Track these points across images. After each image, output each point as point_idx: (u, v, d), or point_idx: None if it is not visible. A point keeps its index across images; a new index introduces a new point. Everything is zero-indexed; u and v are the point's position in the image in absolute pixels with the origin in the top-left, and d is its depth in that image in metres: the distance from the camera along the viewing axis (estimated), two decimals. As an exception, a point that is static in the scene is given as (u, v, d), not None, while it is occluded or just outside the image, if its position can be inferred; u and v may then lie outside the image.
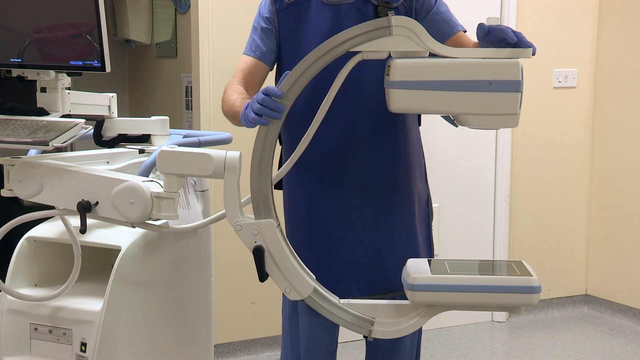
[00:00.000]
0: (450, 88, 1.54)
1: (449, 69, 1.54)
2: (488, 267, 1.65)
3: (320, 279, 1.71)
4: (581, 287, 4.43)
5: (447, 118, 1.78)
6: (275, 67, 2.18)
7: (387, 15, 1.54)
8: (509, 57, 1.55)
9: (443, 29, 2.05)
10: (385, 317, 1.64)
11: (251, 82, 2.11)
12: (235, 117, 1.95)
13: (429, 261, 1.69)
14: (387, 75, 1.57)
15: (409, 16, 2.03)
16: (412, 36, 1.54)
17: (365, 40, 1.55)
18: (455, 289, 1.57)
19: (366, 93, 2.04)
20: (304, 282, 1.63)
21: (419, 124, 2.21)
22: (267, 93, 1.62)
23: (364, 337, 1.68)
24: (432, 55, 1.58)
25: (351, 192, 2.08)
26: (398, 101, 1.56)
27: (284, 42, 2.10)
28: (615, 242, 4.28)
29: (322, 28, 2.03)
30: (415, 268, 1.63)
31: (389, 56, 1.60)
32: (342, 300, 1.66)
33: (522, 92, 1.55)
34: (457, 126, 1.73)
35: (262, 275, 1.62)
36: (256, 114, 1.64)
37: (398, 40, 1.54)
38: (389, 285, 2.10)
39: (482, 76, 1.53)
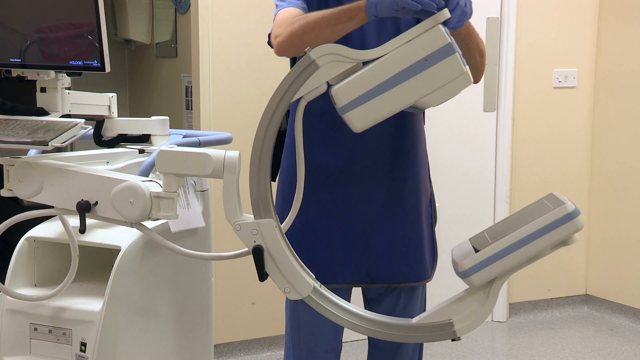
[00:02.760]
0: (393, 85, 1.52)
1: (383, 68, 1.52)
2: (523, 217, 1.61)
3: (306, 263, 1.70)
4: (581, 287, 4.43)
5: (409, 108, 1.77)
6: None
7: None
8: (430, 27, 1.52)
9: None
10: (459, 314, 1.61)
11: None
12: (340, 17, 1.78)
13: (471, 240, 1.65)
14: (335, 104, 1.55)
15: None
16: (338, 58, 1.52)
17: (300, 84, 1.53)
18: (502, 254, 1.52)
19: None
20: (304, 282, 1.63)
21: (423, 123, 2.20)
22: None
23: (453, 339, 1.63)
24: (365, 63, 1.56)
25: (350, 185, 2.08)
26: (357, 121, 1.54)
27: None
28: (615, 242, 4.28)
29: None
30: (459, 254, 1.60)
31: (329, 86, 1.57)
32: (416, 318, 1.63)
33: (458, 52, 1.51)
34: (422, 110, 1.68)
35: (262, 275, 1.61)
36: None
37: (328, 68, 1.52)
38: (374, 277, 2.10)
39: (414, 58, 1.51)
